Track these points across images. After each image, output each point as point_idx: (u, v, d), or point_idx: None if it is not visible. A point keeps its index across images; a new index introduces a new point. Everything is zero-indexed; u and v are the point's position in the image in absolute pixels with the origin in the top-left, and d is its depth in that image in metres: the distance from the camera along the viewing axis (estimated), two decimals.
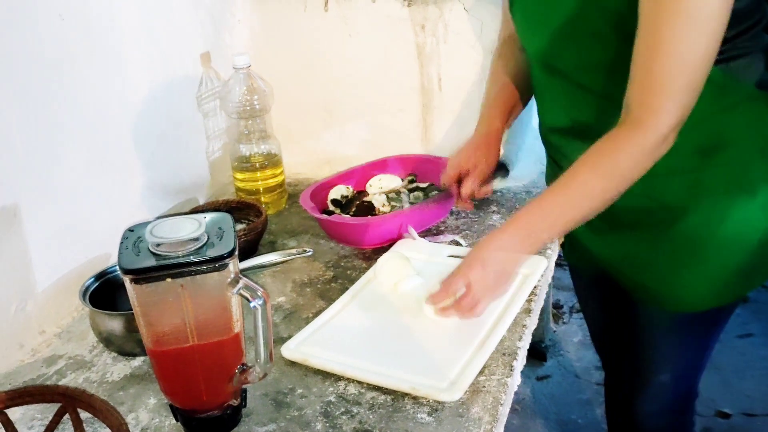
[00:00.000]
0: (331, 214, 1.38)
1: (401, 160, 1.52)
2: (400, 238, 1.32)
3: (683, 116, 0.95)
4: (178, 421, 0.92)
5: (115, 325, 1.06)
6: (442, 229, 1.38)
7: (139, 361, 1.08)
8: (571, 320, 2.51)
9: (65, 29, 1.16)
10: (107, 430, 0.85)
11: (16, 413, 0.96)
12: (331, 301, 1.16)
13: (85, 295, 1.10)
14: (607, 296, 1.36)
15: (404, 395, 0.95)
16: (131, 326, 1.04)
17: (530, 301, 1.14)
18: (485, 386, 0.96)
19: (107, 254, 1.26)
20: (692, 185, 1.07)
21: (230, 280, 0.81)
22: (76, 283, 1.14)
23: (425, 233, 1.37)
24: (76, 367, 1.08)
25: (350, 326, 1.09)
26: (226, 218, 0.86)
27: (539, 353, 2.34)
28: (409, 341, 1.05)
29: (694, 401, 1.39)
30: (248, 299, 0.81)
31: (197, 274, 0.80)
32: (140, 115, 1.36)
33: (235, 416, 0.92)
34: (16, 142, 1.08)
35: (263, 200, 1.50)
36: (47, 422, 0.86)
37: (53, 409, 0.86)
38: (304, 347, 1.04)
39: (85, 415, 0.84)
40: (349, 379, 0.99)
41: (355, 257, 1.33)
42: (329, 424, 0.91)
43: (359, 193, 1.45)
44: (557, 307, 2.58)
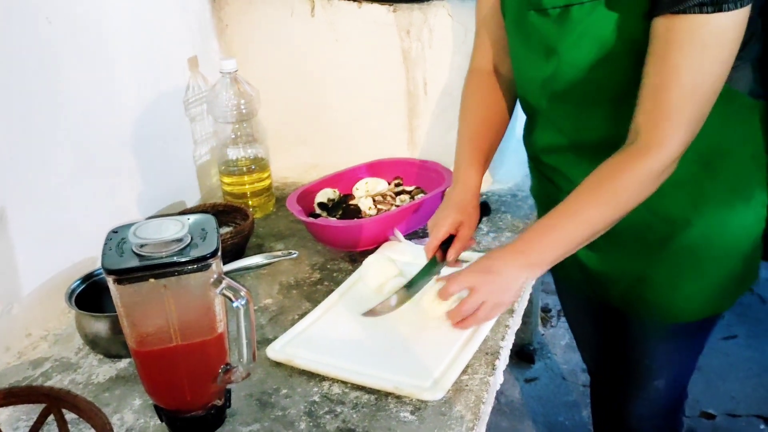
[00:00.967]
0: (317, 217, 1.39)
1: (387, 163, 1.53)
2: (386, 240, 1.34)
3: (690, 140, 0.95)
4: (162, 421, 0.92)
5: (100, 327, 1.06)
6: (428, 232, 1.39)
7: (124, 363, 1.08)
8: (558, 323, 2.53)
9: (52, 33, 1.17)
10: (92, 430, 0.85)
11: (1, 414, 0.97)
12: (317, 302, 1.17)
13: (71, 297, 1.10)
14: (596, 309, 1.36)
15: (387, 394, 0.96)
16: (117, 328, 1.04)
17: (513, 301, 1.15)
18: (468, 385, 0.97)
19: (93, 257, 1.26)
20: (694, 196, 1.07)
21: (213, 280, 0.82)
22: (62, 286, 1.15)
23: (411, 236, 1.38)
24: (62, 369, 1.08)
25: (336, 327, 1.10)
26: (209, 219, 0.87)
27: (527, 356, 2.36)
28: (393, 341, 1.06)
29: (684, 402, 1.40)
30: (231, 299, 0.82)
31: (180, 274, 0.80)
32: (127, 118, 1.37)
33: (219, 416, 0.93)
34: (2, 145, 1.08)
35: (250, 204, 1.51)
36: (32, 423, 0.86)
37: (38, 410, 0.86)
38: (289, 348, 1.05)
39: (70, 416, 0.85)
40: (333, 379, 1.00)
41: (341, 260, 1.34)
42: (313, 423, 0.92)
43: (346, 196, 1.46)
44: (545, 310, 2.60)
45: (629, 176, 0.96)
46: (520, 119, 1.27)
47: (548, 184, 1.22)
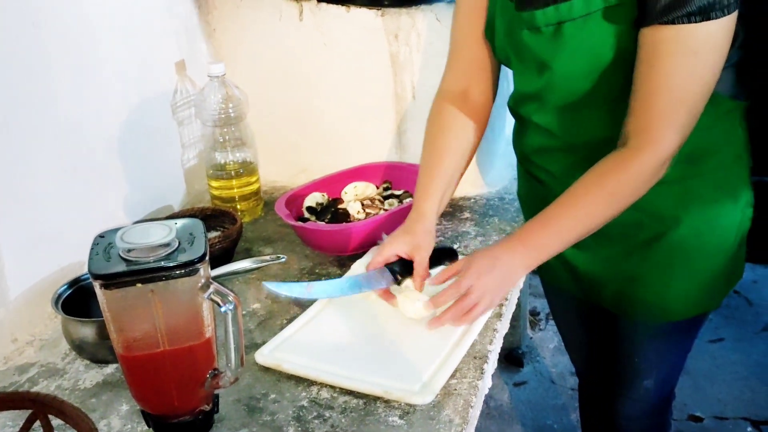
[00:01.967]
0: (306, 221, 1.39)
1: (376, 167, 1.54)
2: (374, 245, 1.33)
3: (683, 142, 0.97)
4: (150, 426, 0.92)
5: (87, 332, 1.06)
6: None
7: (111, 368, 1.07)
8: (547, 327, 2.54)
9: (39, 37, 1.16)
10: None
11: None
12: (305, 307, 1.17)
13: (57, 302, 1.10)
14: (585, 310, 1.37)
15: (376, 399, 0.96)
16: (103, 333, 1.04)
17: (501, 305, 1.16)
18: (456, 389, 0.97)
19: (80, 262, 1.25)
20: (682, 194, 1.09)
21: (201, 285, 0.82)
22: (48, 290, 1.14)
23: None
24: (48, 374, 1.07)
25: (324, 332, 1.10)
26: (197, 224, 0.87)
27: (516, 359, 2.36)
28: (381, 346, 1.06)
29: (672, 403, 1.41)
30: (219, 304, 0.81)
31: (168, 279, 0.80)
32: (115, 122, 1.37)
33: (207, 421, 0.92)
34: None
35: (239, 208, 1.50)
36: (18, 429, 0.85)
37: (25, 415, 0.86)
38: (277, 353, 1.05)
39: (56, 421, 0.84)
40: (321, 383, 0.99)
41: (330, 264, 1.33)
42: (301, 428, 0.92)
43: (334, 200, 1.46)
44: (534, 314, 2.60)
45: (626, 175, 0.98)
46: (509, 122, 1.27)
47: (537, 185, 1.22)
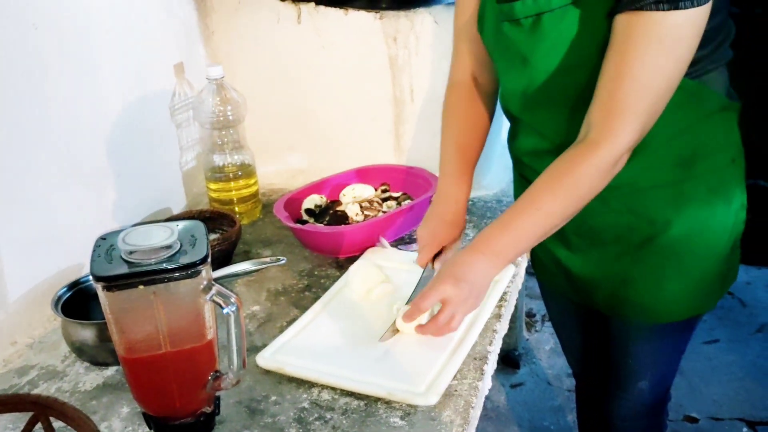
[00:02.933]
0: (305, 223, 1.40)
1: (374, 170, 1.54)
2: (373, 246, 1.34)
3: (639, 138, 0.96)
4: (151, 428, 0.92)
5: (87, 334, 1.06)
6: (414, 238, 1.40)
7: (111, 370, 1.07)
8: (543, 328, 2.54)
9: (39, 39, 1.16)
10: None
11: None
12: (304, 309, 1.17)
13: (57, 304, 1.10)
14: (581, 312, 1.37)
15: (377, 400, 0.96)
16: (104, 336, 1.04)
17: (500, 306, 1.16)
18: (457, 390, 0.98)
19: (80, 265, 1.25)
20: (675, 197, 1.08)
21: (203, 286, 0.82)
22: (48, 293, 1.14)
23: (398, 242, 1.39)
24: (48, 377, 1.07)
25: (325, 334, 1.10)
26: (198, 226, 0.87)
27: (513, 361, 2.37)
28: (383, 349, 1.06)
29: (667, 403, 1.42)
30: (221, 306, 0.82)
31: (170, 281, 0.80)
32: (113, 125, 1.37)
33: (208, 423, 0.92)
34: None
35: (237, 210, 1.50)
36: (19, 431, 0.85)
37: (25, 418, 0.85)
38: (279, 356, 1.05)
39: (57, 424, 0.84)
40: (322, 385, 1.00)
41: (328, 266, 1.34)
42: (303, 430, 0.92)
43: (333, 202, 1.46)
44: (530, 315, 2.61)
45: (583, 170, 0.97)
46: (504, 124, 1.28)
47: (527, 184, 1.23)
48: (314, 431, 0.92)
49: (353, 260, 1.29)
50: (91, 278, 1.10)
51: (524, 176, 1.24)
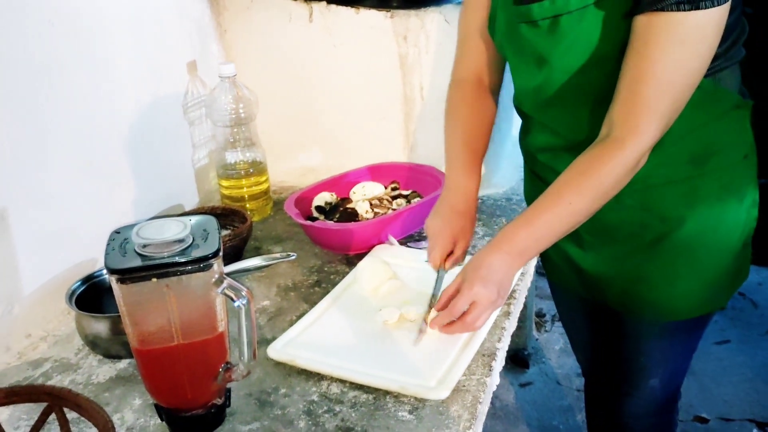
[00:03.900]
0: (315, 220, 1.41)
1: (384, 167, 1.55)
2: (381, 243, 1.35)
3: (662, 135, 0.97)
4: (163, 420, 0.93)
5: (100, 327, 1.07)
6: (424, 235, 1.40)
7: (124, 363, 1.09)
8: (552, 328, 2.54)
9: (55, 35, 1.18)
10: (93, 429, 0.86)
11: (2, 414, 0.97)
12: (314, 304, 1.18)
13: (71, 298, 1.11)
14: (591, 310, 1.37)
15: (386, 394, 0.97)
16: (117, 329, 1.05)
17: (509, 304, 1.17)
18: (465, 385, 0.98)
19: (94, 259, 1.27)
20: (688, 194, 1.09)
21: (215, 280, 0.83)
22: (62, 287, 1.15)
23: (407, 239, 1.40)
24: (62, 369, 1.09)
25: (334, 328, 1.11)
26: (210, 220, 0.89)
27: (522, 360, 2.37)
28: (393, 343, 1.07)
29: (677, 402, 1.42)
30: (232, 299, 0.83)
31: (182, 274, 0.81)
32: (127, 121, 1.38)
33: (219, 415, 0.94)
34: (4, 146, 1.09)
35: (248, 207, 1.52)
36: (33, 422, 0.87)
37: (39, 409, 0.87)
38: (290, 348, 1.06)
39: (71, 415, 0.86)
40: (331, 378, 1.01)
41: (338, 262, 1.35)
42: (312, 422, 0.93)
43: (343, 200, 1.48)
44: (539, 315, 2.61)
45: (609, 168, 0.98)
46: (515, 123, 1.28)
47: (542, 185, 1.23)
48: (323, 423, 0.93)
49: (362, 257, 1.30)
50: (104, 272, 1.13)
51: (535, 172, 1.25)
